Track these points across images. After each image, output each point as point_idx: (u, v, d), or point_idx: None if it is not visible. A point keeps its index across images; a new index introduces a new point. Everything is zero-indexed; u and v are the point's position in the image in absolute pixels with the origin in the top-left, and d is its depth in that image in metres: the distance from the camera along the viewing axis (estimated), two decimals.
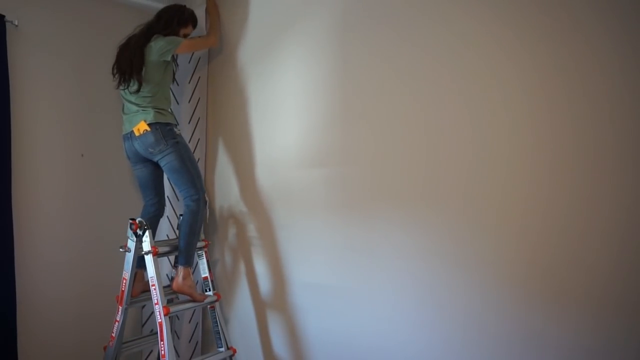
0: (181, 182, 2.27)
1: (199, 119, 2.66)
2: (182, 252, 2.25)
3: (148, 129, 2.20)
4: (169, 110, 2.36)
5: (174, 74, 2.47)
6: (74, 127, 2.59)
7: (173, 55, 2.33)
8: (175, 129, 2.30)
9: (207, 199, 2.51)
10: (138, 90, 2.24)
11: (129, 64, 2.23)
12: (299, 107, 2.22)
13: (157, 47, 2.25)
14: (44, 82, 2.47)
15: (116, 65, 2.29)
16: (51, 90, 2.50)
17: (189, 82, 2.69)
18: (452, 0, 1.70)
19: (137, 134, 2.22)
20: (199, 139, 2.66)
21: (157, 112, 2.25)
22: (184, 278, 2.21)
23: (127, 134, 2.29)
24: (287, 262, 2.27)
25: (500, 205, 1.57)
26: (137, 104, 2.26)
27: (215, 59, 2.66)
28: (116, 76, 2.29)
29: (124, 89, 2.29)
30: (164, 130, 2.23)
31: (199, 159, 2.62)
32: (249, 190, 2.47)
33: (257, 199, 2.41)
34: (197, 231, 2.29)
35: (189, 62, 2.68)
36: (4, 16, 2.26)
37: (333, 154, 2.07)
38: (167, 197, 2.61)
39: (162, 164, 2.27)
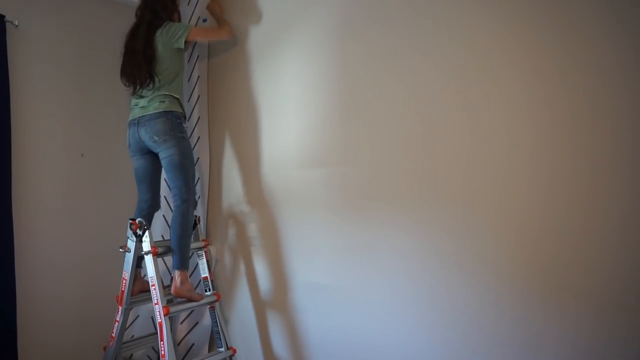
0: (177, 179, 2.23)
1: (199, 117, 2.66)
2: (176, 256, 2.20)
3: (161, 110, 2.20)
4: (181, 100, 2.35)
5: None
6: (74, 127, 2.59)
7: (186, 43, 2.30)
8: (184, 124, 2.30)
9: (197, 201, 2.51)
10: (155, 86, 2.23)
11: (143, 68, 2.20)
12: (299, 107, 2.22)
13: (169, 33, 2.24)
14: (44, 82, 2.47)
15: (128, 72, 2.25)
16: (51, 90, 2.50)
17: (188, 81, 2.68)
18: (450, 1, 1.70)
19: (149, 111, 2.20)
20: (199, 137, 2.65)
21: (171, 101, 2.25)
22: (182, 282, 2.18)
23: (134, 119, 2.26)
24: (287, 262, 2.27)
25: (499, 205, 1.57)
26: (152, 94, 2.24)
27: (216, 57, 2.66)
28: (129, 85, 2.26)
29: (140, 92, 2.26)
30: (174, 121, 2.22)
31: (198, 158, 2.62)
32: (250, 189, 2.47)
33: (258, 198, 2.41)
34: (190, 232, 2.26)
35: (188, 60, 2.68)
36: (4, 16, 2.27)
37: (332, 154, 2.07)
38: (164, 196, 2.60)
39: (162, 155, 2.23)
